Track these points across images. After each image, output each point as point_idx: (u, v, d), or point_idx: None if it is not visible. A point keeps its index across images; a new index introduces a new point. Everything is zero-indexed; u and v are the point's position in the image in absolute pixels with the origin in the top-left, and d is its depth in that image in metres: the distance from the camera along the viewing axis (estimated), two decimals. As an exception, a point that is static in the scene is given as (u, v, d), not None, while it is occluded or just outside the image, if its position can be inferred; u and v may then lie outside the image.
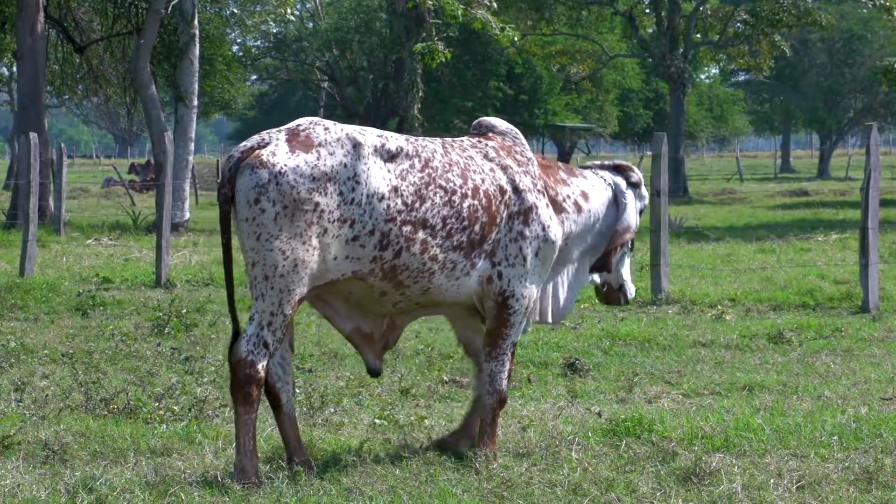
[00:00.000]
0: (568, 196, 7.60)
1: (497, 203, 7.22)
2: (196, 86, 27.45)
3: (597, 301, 14.63)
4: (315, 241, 6.73)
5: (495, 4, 24.36)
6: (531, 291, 7.38)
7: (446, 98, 54.67)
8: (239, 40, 54.77)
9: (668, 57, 46.19)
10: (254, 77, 62.70)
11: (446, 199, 7.05)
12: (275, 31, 55.99)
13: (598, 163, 8.06)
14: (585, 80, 57.39)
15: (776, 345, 11.81)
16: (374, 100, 57.36)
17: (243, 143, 6.89)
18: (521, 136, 7.61)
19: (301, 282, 6.76)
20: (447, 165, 7.14)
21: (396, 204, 6.90)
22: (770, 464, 7.11)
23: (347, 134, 6.87)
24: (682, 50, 46.96)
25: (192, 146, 27.66)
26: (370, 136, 6.95)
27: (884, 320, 13.17)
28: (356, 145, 6.84)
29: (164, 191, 17.68)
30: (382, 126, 56.80)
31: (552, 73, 56.82)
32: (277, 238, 6.66)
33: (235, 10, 37.24)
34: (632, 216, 7.88)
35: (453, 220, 7.06)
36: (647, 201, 8.14)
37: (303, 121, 6.99)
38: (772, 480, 6.79)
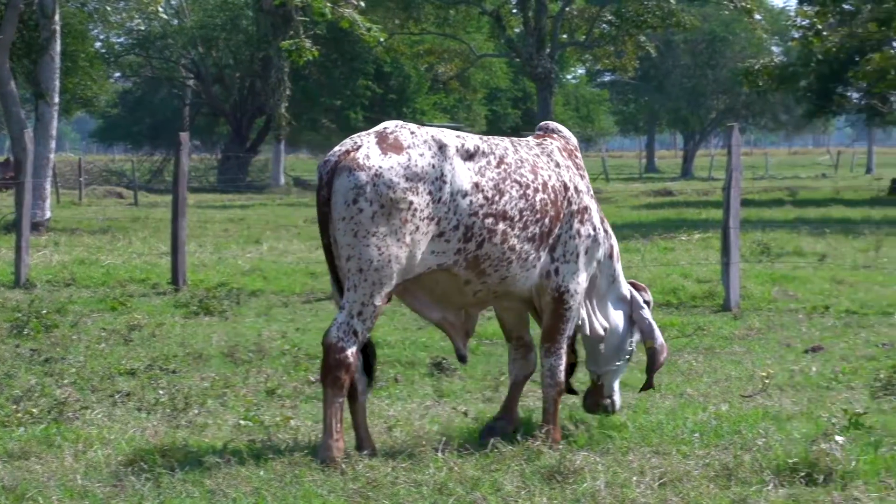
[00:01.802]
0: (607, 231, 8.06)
1: (561, 199, 7.68)
2: (57, 83, 26.95)
3: None
4: (408, 238, 7.13)
5: (363, 3, 24.30)
6: (582, 288, 7.81)
7: (314, 96, 54.50)
8: (102, 36, 53.91)
9: (536, 57, 46.47)
10: (117, 74, 61.85)
11: (521, 192, 7.49)
12: (140, 27, 55.21)
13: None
14: (453, 79, 57.55)
15: (640, 343, 11.90)
16: (240, 98, 56.94)
17: (337, 148, 7.24)
18: (577, 144, 8.10)
19: (392, 276, 7.15)
20: (519, 162, 7.57)
21: (478, 199, 7.32)
22: (633, 461, 7.17)
23: (433, 136, 7.31)
24: (548, 50, 47.27)
25: (53, 144, 27.15)
26: (451, 137, 7.37)
27: (744, 319, 13.39)
28: (441, 147, 7.27)
29: (24, 189, 17.35)
30: (249, 124, 56.46)
31: (420, 72, 56.92)
32: (374, 235, 7.05)
33: (98, 6, 36.67)
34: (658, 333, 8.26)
35: (528, 212, 7.50)
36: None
37: (388, 124, 7.37)
38: (634, 478, 6.84)
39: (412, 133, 7.28)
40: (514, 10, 50.31)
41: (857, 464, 6.89)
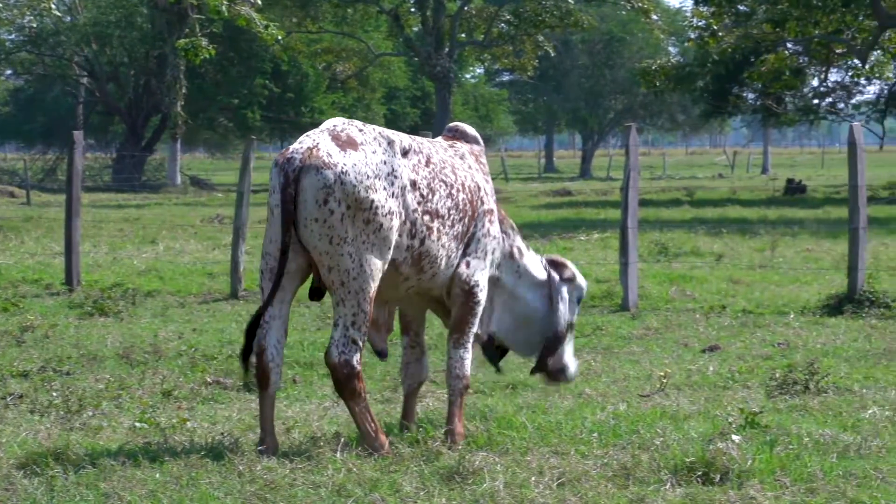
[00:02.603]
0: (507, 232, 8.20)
1: (476, 199, 7.83)
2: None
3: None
4: (374, 238, 7.19)
5: (260, 1, 24.13)
6: (486, 284, 7.92)
7: (211, 95, 54.07)
8: (-7, 33, 53.08)
9: (434, 56, 46.55)
10: (8, 72, 60.89)
11: (448, 191, 7.62)
12: (32, 24, 54.36)
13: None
14: (352, 78, 57.45)
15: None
16: (135, 96, 56.28)
17: (296, 145, 7.25)
18: (483, 146, 8.25)
19: (371, 279, 7.23)
20: (442, 162, 7.70)
21: (417, 195, 7.44)
22: (532, 461, 7.16)
23: (380, 133, 7.41)
24: (447, 49, 47.38)
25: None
26: (394, 134, 7.48)
27: (642, 318, 13.48)
28: (390, 143, 7.38)
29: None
30: (144, 123, 55.87)
31: (318, 71, 56.69)
32: (345, 241, 7.11)
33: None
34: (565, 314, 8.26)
35: (454, 210, 7.66)
36: (584, 291, 8.47)
37: (336, 121, 7.44)
38: (533, 478, 6.84)
39: (360, 130, 7.37)
40: (413, 9, 50.38)
41: (753, 463, 6.93)
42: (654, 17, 51.67)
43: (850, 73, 46.29)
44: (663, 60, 47.26)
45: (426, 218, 7.46)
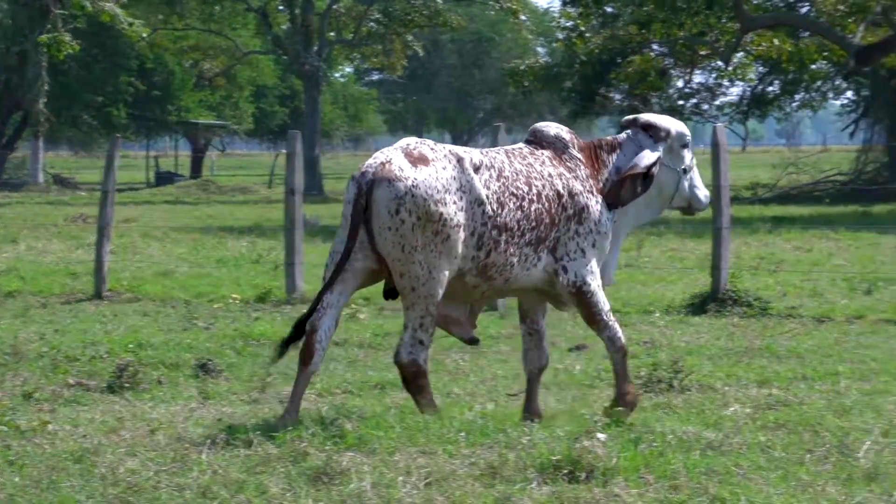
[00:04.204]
0: (607, 179, 8.43)
1: (556, 206, 8.20)
2: None
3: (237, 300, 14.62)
4: (443, 248, 7.78)
5: (125, -3, 23.80)
6: (597, 273, 8.36)
7: (75, 92, 53.18)
8: None
9: (303, 55, 46.35)
10: None
11: (518, 204, 8.06)
12: None
13: (632, 119, 8.74)
14: (219, 76, 56.97)
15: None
16: (-4, 92, 55.11)
17: (370, 160, 7.86)
18: (568, 140, 8.41)
19: (439, 286, 7.84)
20: (515, 174, 8.11)
21: (487, 210, 7.92)
22: (399, 461, 7.14)
23: (450, 150, 7.96)
24: (316, 48, 47.19)
25: None
26: (463, 151, 8.00)
27: (511, 318, 13.50)
28: (459, 160, 7.89)
29: None
30: (5, 120, 54.76)
31: (185, 68, 56.14)
32: (416, 249, 7.74)
33: None
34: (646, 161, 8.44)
35: (524, 222, 8.07)
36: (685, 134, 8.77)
37: (409, 140, 8.03)
38: (401, 478, 6.82)
39: (432, 149, 7.92)
40: (281, 7, 50.13)
41: (618, 460, 6.97)
42: (523, 17, 52.03)
43: (713, 75, 46.97)
44: (532, 61, 47.54)
45: (494, 232, 7.96)
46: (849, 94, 50.70)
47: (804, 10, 41.16)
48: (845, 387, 9.67)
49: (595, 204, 8.32)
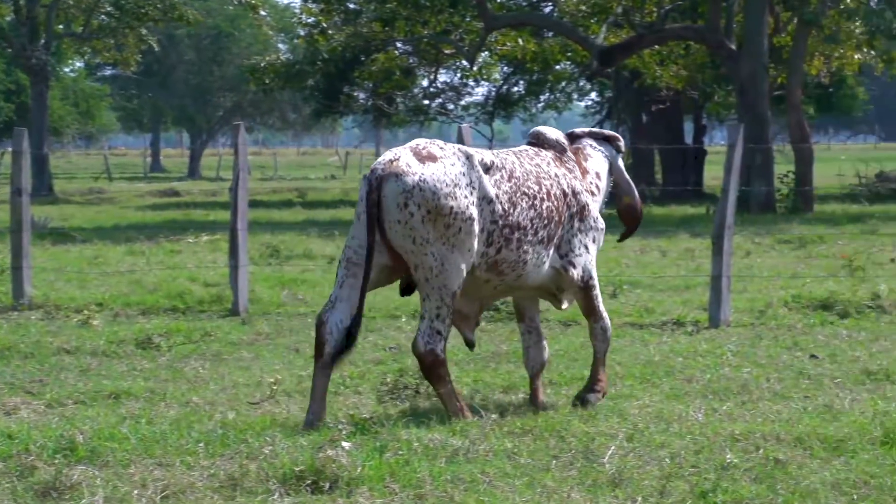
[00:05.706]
0: (592, 181, 9.00)
1: (562, 205, 8.65)
2: None
3: None
4: (455, 241, 8.03)
5: None
6: (594, 264, 8.87)
7: None
8: None
9: (29, 48, 44.84)
10: None
11: (530, 203, 8.43)
12: None
13: (587, 132, 9.40)
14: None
15: (144, 350, 11.57)
16: None
17: (380, 159, 8.13)
18: (565, 143, 8.97)
19: (454, 277, 8.09)
20: (526, 174, 8.49)
21: (497, 209, 8.26)
22: (134, 474, 6.89)
23: (459, 149, 8.25)
24: (43, 41, 45.69)
25: None
26: (473, 151, 8.30)
27: (253, 323, 13.25)
28: (468, 157, 8.19)
29: None
30: None
31: None
32: (427, 242, 8.00)
33: None
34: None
35: (537, 220, 8.46)
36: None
37: (419, 141, 8.30)
38: (136, 491, 6.59)
39: (441, 148, 8.19)
40: (5, -2, 48.36)
41: (363, 469, 6.86)
42: (263, 13, 51.58)
43: (459, 75, 47.55)
44: (272, 58, 47.20)
45: (506, 231, 8.30)
46: (593, 95, 52.01)
47: (547, 9, 41.93)
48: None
49: (592, 203, 8.88)
